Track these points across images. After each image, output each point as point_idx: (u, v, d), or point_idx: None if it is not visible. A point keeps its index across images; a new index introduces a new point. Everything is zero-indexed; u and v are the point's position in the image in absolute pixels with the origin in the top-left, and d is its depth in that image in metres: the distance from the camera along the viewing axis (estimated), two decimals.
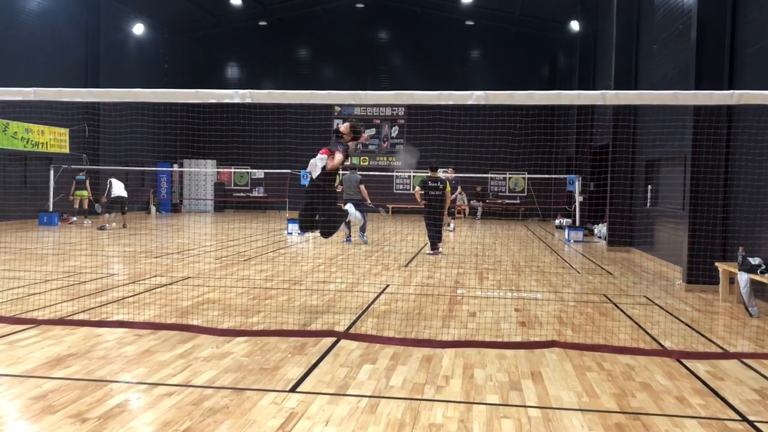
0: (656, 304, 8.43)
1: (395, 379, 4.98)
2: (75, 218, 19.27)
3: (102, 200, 18.39)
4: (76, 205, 19.12)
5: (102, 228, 17.26)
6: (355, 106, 27.67)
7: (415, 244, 15.33)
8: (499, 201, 27.18)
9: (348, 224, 14.50)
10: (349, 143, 7.46)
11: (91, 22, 21.69)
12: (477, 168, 23.24)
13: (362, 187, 14.93)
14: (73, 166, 19.45)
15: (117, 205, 18.07)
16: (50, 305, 7.31)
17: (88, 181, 19.05)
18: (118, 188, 17.73)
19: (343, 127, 7.45)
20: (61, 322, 6.53)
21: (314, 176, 7.21)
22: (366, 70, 27.98)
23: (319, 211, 7.29)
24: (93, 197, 19.20)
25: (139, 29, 24.63)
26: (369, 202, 15.22)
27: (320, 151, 7.27)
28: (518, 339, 6.32)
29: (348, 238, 15.17)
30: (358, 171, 15.77)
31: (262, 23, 28.29)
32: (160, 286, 8.87)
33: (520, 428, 4.07)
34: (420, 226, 17.75)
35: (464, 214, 25.81)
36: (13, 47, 18.14)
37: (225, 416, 4.13)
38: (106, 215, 18.01)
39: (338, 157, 7.05)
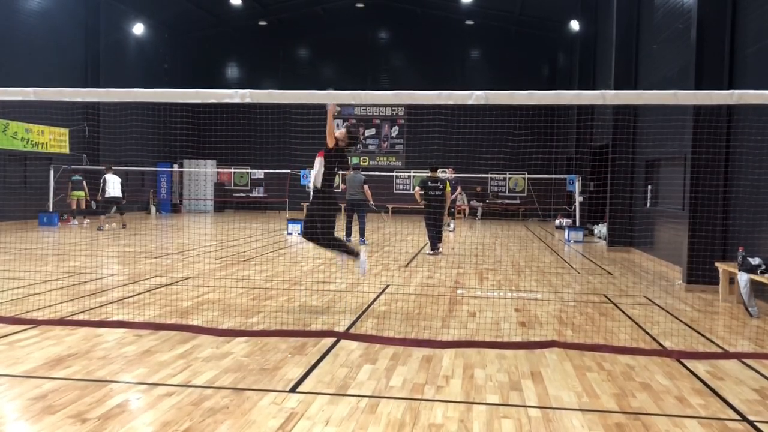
0: (656, 304, 8.43)
1: (395, 379, 4.98)
2: (76, 220, 19.15)
3: (97, 199, 17.78)
4: (74, 206, 19.01)
5: (100, 229, 16.89)
6: (355, 106, 27.67)
7: (415, 244, 15.32)
8: (499, 201, 27.16)
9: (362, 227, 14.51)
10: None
11: (91, 22, 21.68)
12: (477, 168, 23.24)
13: (366, 187, 14.72)
14: (72, 167, 19.44)
15: (112, 206, 17.47)
16: (50, 305, 7.31)
17: (84, 182, 18.98)
18: (112, 188, 17.05)
19: (339, 133, 7.26)
20: (61, 322, 6.53)
21: (319, 186, 7.20)
22: (366, 70, 27.97)
23: (319, 222, 7.28)
24: (90, 197, 19.04)
25: (139, 29, 24.63)
26: (372, 203, 14.96)
27: (318, 155, 7.24)
28: (518, 339, 6.32)
29: (362, 240, 14.93)
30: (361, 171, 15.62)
31: (262, 23, 28.28)
32: (160, 287, 8.87)
33: (520, 428, 4.07)
34: (420, 226, 17.74)
35: (464, 215, 25.80)
36: (13, 47, 18.14)
37: (225, 416, 4.13)
38: (102, 216, 17.32)
39: (342, 131, 7.22)
